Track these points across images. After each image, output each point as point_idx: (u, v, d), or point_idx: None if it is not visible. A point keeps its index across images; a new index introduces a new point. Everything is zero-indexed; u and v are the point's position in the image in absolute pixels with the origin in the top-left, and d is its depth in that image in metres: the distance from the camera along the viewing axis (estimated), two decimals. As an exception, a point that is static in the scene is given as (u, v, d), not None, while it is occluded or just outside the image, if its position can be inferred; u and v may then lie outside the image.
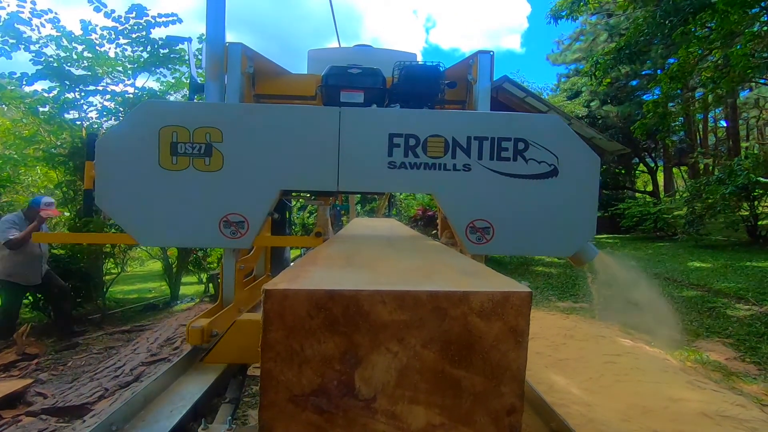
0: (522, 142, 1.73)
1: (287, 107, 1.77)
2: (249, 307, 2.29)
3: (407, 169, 1.71)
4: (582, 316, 5.30)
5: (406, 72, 2.09)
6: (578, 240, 1.81)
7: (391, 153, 1.71)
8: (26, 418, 2.80)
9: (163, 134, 1.69)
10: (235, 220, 1.71)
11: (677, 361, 3.76)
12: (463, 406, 0.77)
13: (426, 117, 1.74)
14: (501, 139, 1.72)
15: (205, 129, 1.69)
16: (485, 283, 0.86)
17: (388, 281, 0.85)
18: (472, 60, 2.15)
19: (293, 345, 0.72)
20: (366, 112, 1.78)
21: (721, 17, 8.10)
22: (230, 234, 1.72)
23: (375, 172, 1.72)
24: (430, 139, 1.72)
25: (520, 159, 1.73)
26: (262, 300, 0.72)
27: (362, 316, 0.74)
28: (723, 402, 2.92)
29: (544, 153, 1.74)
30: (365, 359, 0.74)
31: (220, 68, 2.00)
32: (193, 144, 1.69)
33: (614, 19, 18.61)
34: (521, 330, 0.78)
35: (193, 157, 1.69)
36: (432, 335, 0.76)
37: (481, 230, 1.76)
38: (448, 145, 1.72)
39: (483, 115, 1.81)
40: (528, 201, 1.74)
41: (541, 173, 1.75)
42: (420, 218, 8.79)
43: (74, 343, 4.54)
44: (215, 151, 1.69)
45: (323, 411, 0.73)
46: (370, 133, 1.72)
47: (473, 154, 1.73)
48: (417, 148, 1.72)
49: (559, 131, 1.76)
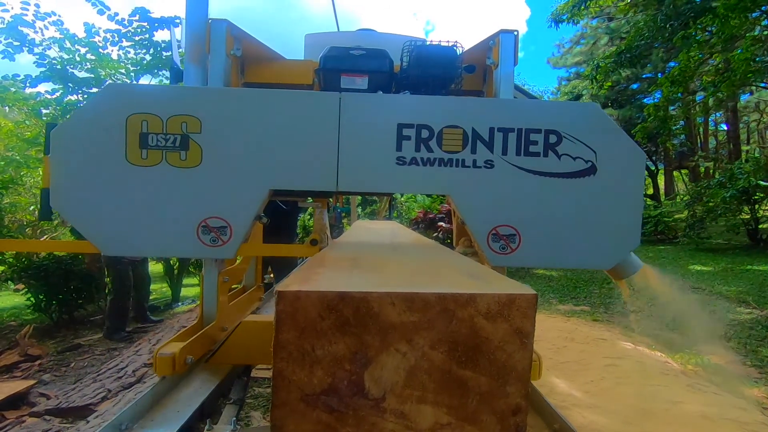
0: (554, 134, 1.50)
1: (278, 92, 1.51)
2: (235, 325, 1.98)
3: (419, 165, 1.49)
4: (583, 319, 5.32)
5: (418, 54, 1.77)
6: (619, 250, 1.56)
7: (400, 147, 1.49)
8: (30, 418, 2.81)
9: (131, 123, 1.45)
10: (215, 225, 1.49)
11: (678, 364, 3.77)
12: (469, 405, 0.78)
13: (441, 104, 1.52)
14: (529, 131, 1.50)
15: (181, 117, 1.46)
16: (491, 285, 0.88)
17: (396, 283, 0.87)
18: (493, 41, 1.82)
19: (305, 345, 0.74)
20: (371, 98, 1.55)
21: (721, 22, 8.14)
22: (210, 241, 1.48)
23: (381, 170, 1.50)
24: (446, 130, 1.49)
25: (552, 154, 1.51)
26: (275, 301, 0.74)
27: (372, 318, 0.75)
28: (724, 405, 2.93)
29: (579, 147, 1.51)
30: (375, 359, 0.76)
31: (201, 49, 1.72)
32: (166, 135, 1.46)
33: (615, 23, 18.67)
34: (526, 331, 0.79)
35: (167, 151, 1.46)
36: (440, 336, 0.77)
37: (505, 238, 1.52)
38: (466, 138, 1.50)
39: (508, 103, 1.57)
40: (561, 203, 1.52)
41: (577, 171, 1.52)
42: (421, 220, 8.81)
43: (76, 345, 4.56)
44: (192, 144, 1.46)
45: (334, 410, 0.75)
46: (376, 123, 1.50)
47: (496, 149, 1.50)
48: (430, 142, 1.49)
49: (597, 121, 1.52)
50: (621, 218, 1.54)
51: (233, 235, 1.49)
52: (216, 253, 1.51)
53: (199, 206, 1.48)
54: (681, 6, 9.62)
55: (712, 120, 22.51)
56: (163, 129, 1.46)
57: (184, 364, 1.42)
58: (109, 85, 1.60)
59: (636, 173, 1.55)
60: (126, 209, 1.47)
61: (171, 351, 1.38)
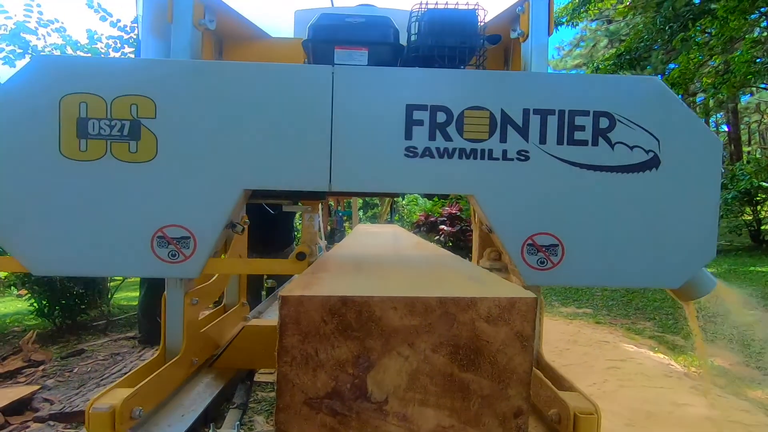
0: (606, 117, 1.24)
1: (254, 65, 1.25)
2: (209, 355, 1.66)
3: (433, 158, 1.22)
4: (585, 321, 5.31)
5: (430, 20, 1.41)
6: (690, 265, 1.27)
7: (409, 134, 1.22)
8: (34, 424, 2.82)
9: (66, 106, 1.18)
10: (175, 235, 1.21)
11: (681, 366, 3.76)
12: (471, 408, 0.79)
13: (462, 80, 1.25)
14: (574, 113, 1.23)
15: (131, 98, 1.19)
16: (492, 289, 0.89)
17: (398, 287, 0.88)
18: (521, 7, 1.48)
19: (308, 349, 0.75)
20: (372, 72, 1.27)
21: (720, 24, 8.17)
22: (168, 256, 1.21)
23: (386, 164, 1.23)
24: (468, 113, 1.22)
25: (603, 142, 1.24)
26: (279, 306, 0.75)
27: (374, 322, 0.77)
28: (728, 407, 2.92)
29: (638, 133, 1.24)
30: (377, 363, 0.77)
31: (164, 18, 1.42)
32: (111, 121, 1.18)
33: (614, 26, 18.74)
34: (527, 335, 0.80)
35: (112, 141, 1.19)
36: (441, 340, 0.79)
37: (544, 250, 1.25)
38: (494, 123, 1.22)
39: (547, 78, 1.28)
40: (614, 205, 1.25)
41: (635, 164, 1.25)
42: (422, 224, 8.82)
43: (80, 350, 4.57)
44: (145, 132, 1.20)
45: (337, 413, 0.76)
46: (379, 104, 1.23)
47: (532, 136, 1.23)
48: (448, 127, 1.22)
49: (661, 100, 1.25)
50: (691, 223, 1.25)
51: (198, 247, 1.22)
52: (175, 271, 1.23)
53: (153, 211, 1.21)
54: (680, 8, 9.67)
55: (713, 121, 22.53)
56: (108, 113, 1.18)
57: (130, 419, 1.05)
58: (37, 57, 1.24)
59: (710, 166, 1.25)
60: (59, 216, 1.19)
61: (110, 403, 1.01)
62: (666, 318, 5.34)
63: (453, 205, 8.72)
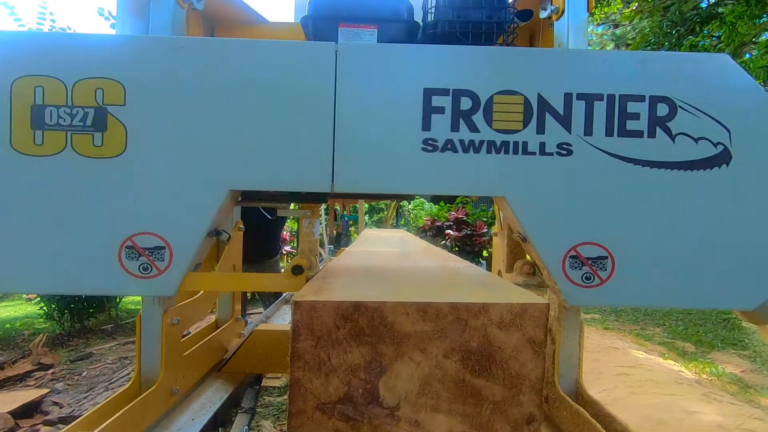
0: (665, 103, 1.05)
1: (242, 42, 1.07)
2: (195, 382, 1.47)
3: (456, 152, 1.04)
4: (594, 327, 5.26)
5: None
6: None
7: (427, 124, 1.04)
8: (44, 427, 2.84)
9: (19, 91, 1.01)
10: (147, 245, 1.04)
11: (692, 373, 3.71)
12: (483, 414, 0.79)
13: (490, 58, 1.06)
14: (627, 98, 1.04)
15: (96, 82, 1.02)
16: (504, 295, 0.89)
17: (409, 293, 0.88)
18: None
19: (321, 354, 0.76)
20: (382, 51, 1.08)
21: (729, 28, 8.13)
22: (139, 270, 1.04)
23: (399, 160, 1.05)
24: (498, 98, 1.04)
25: (662, 134, 1.05)
26: (291, 311, 0.76)
27: (386, 327, 0.77)
28: (740, 415, 2.88)
29: (705, 123, 1.05)
30: (389, 368, 0.77)
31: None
32: (72, 109, 1.02)
33: (621, 30, 18.69)
34: (539, 341, 0.80)
35: (73, 133, 1.02)
36: (453, 345, 0.79)
37: (590, 263, 1.06)
38: (530, 110, 1.05)
39: (595, 56, 1.08)
40: (676, 210, 1.06)
41: (701, 159, 1.05)
42: (429, 228, 8.80)
43: (88, 354, 4.61)
44: (113, 122, 1.03)
45: (349, 418, 0.76)
46: (391, 88, 1.05)
47: (576, 126, 1.05)
48: (474, 116, 1.05)
49: (731, 83, 1.05)
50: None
51: (174, 260, 1.04)
52: (147, 288, 1.06)
53: (121, 217, 1.04)
54: (687, 12, 9.63)
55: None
56: (68, 99, 1.02)
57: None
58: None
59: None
60: (9, 222, 1.02)
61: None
62: (676, 324, 5.29)
63: (459, 209, 8.70)
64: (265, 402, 2.96)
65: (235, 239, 1.72)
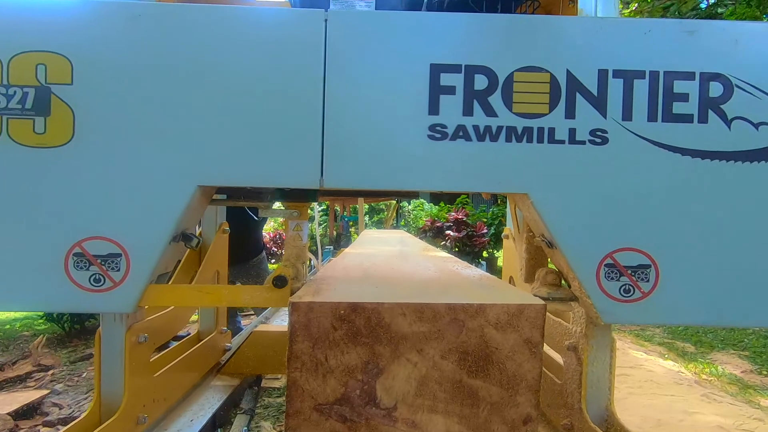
0: (719, 82, 0.90)
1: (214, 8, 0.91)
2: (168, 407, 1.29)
3: (470, 140, 0.90)
4: (593, 327, 5.26)
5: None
6: None
7: (435, 107, 0.90)
8: (44, 428, 2.84)
9: None
10: (99, 251, 0.89)
11: (692, 373, 3.71)
12: (480, 415, 0.79)
13: (511, 27, 0.91)
14: (674, 76, 0.89)
15: (36, 56, 0.87)
16: (500, 295, 0.90)
17: (407, 294, 0.89)
18: None
19: (318, 355, 0.76)
20: (381, 19, 0.93)
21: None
22: (90, 283, 0.89)
23: (401, 149, 0.91)
24: (518, 75, 0.90)
25: (716, 118, 0.90)
26: (288, 312, 0.76)
27: (383, 328, 0.77)
28: (740, 415, 2.88)
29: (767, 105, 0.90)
30: (386, 369, 0.77)
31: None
32: (8, 88, 0.88)
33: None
34: (536, 341, 0.81)
35: (10, 117, 0.88)
36: (450, 346, 0.79)
37: (630, 273, 0.92)
38: (557, 90, 0.90)
39: (634, 25, 0.93)
40: (732, 208, 0.91)
41: (762, 149, 0.91)
42: (428, 229, 8.81)
43: (88, 355, 4.61)
44: (58, 104, 0.88)
45: (346, 419, 0.76)
46: (392, 63, 0.90)
47: (613, 109, 0.90)
48: (492, 96, 0.90)
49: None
50: None
51: (132, 270, 0.90)
52: (99, 304, 0.91)
53: (68, 217, 0.90)
54: (686, 12, 9.64)
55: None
56: (3, 77, 0.88)
57: None
58: None
59: None
60: None
61: None
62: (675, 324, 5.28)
63: (459, 210, 8.71)
64: (265, 403, 2.96)
65: (219, 243, 1.56)
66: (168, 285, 1.18)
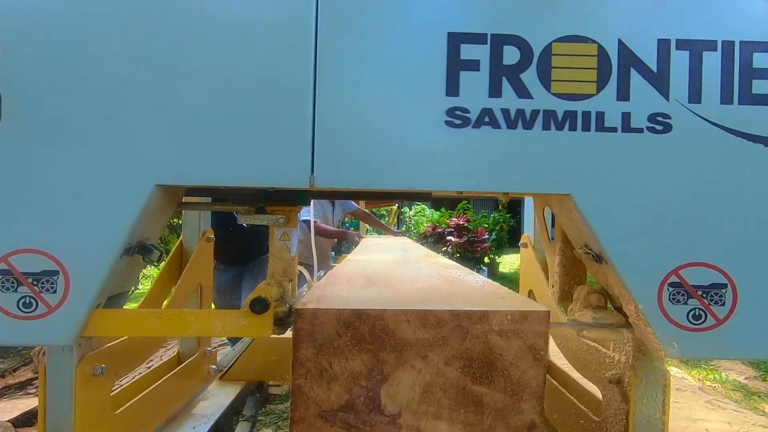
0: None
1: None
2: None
3: (498, 127, 0.74)
4: (596, 333, 5.24)
5: None
6: None
7: (454, 87, 0.74)
8: (44, 435, 2.83)
9: None
10: (30, 268, 0.73)
11: (695, 380, 3.69)
12: (484, 422, 0.79)
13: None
14: (753, 48, 0.73)
15: None
16: (504, 302, 0.90)
17: (411, 301, 0.89)
18: None
19: (322, 362, 0.76)
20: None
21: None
22: (18, 308, 0.73)
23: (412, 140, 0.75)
24: (558, 47, 0.73)
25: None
26: (293, 319, 0.76)
27: (388, 335, 0.78)
28: (744, 422, 2.86)
29: None
30: (391, 376, 0.78)
31: None
32: None
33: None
34: (540, 348, 0.81)
35: None
36: (454, 353, 0.79)
37: (701, 295, 0.75)
38: (607, 65, 0.74)
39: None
40: None
41: None
42: (430, 235, 8.81)
43: (89, 361, 4.60)
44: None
45: (351, 426, 0.76)
46: (399, 34, 0.74)
47: (677, 89, 0.74)
48: (525, 73, 0.74)
49: None
50: None
51: (71, 291, 0.73)
52: (29, 335, 0.74)
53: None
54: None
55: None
56: None
57: None
58: None
59: None
60: None
61: None
62: (678, 330, 5.25)
63: (460, 215, 8.71)
64: (267, 410, 2.95)
65: (203, 252, 1.36)
66: (119, 310, 0.92)
